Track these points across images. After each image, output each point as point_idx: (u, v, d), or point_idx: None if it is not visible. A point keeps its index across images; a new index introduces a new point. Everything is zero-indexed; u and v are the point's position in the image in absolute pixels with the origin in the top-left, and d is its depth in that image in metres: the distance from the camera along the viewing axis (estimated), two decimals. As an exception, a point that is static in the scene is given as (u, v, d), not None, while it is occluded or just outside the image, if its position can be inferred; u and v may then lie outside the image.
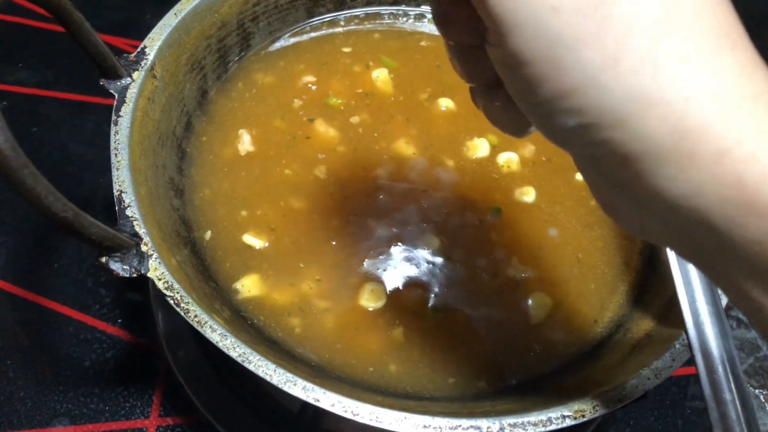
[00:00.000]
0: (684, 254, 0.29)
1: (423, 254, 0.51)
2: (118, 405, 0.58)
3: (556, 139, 0.28)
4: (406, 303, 0.49)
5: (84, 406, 0.57)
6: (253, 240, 0.50)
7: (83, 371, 0.59)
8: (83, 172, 0.72)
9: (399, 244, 0.52)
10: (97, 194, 0.70)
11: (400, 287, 0.50)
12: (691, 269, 0.44)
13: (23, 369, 0.59)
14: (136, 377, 0.59)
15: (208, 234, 0.51)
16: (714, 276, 0.28)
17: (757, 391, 0.68)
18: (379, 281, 0.50)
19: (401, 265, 0.51)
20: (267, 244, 0.51)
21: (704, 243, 0.26)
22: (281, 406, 0.56)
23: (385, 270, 0.50)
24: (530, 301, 0.51)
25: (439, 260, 0.51)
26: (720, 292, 0.45)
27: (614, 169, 0.26)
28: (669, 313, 0.48)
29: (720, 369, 0.41)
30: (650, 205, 0.26)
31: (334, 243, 0.51)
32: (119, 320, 0.62)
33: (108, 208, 0.69)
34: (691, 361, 0.42)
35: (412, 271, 0.51)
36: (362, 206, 0.53)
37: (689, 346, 0.42)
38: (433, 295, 0.50)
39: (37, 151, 0.72)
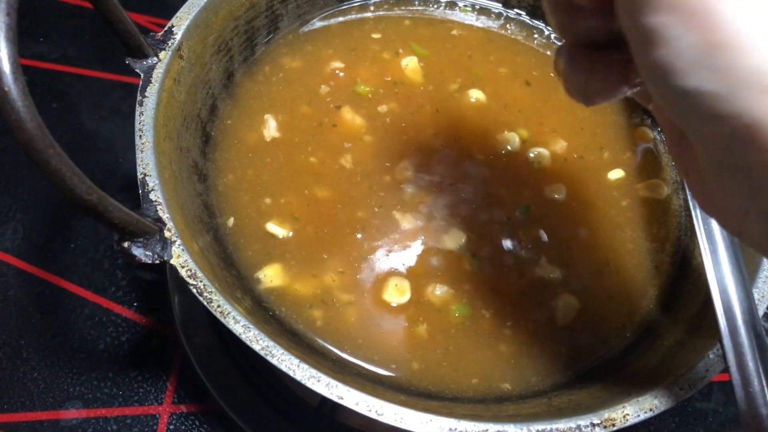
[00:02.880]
0: None
1: (449, 250, 0.50)
2: (131, 390, 0.57)
3: (681, 104, 0.26)
4: (430, 299, 0.48)
5: (97, 389, 0.57)
6: (277, 229, 0.49)
7: (97, 354, 0.58)
8: (102, 151, 0.70)
9: (425, 238, 0.50)
10: (116, 174, 0.68)
11: (425, 283, 0.49)
12: (727, 276, 0.43)
13: (37, 350, 0.58)
14: (150, 362, 0.59)
15: (231, 221, 0.49)
16: None
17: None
18: (404, 276, 0.49)
19: (426, 261, 0.49)
20: (290, 234, 0.49)
21: None
22: (297, 398, 0.55)
23: (409, 265, 0.49)
24: (557, 303, 0.49)
25: (465, 257, 0.50)
26: (757, 301, 0.44)
27: (737, 146, 0.25)
28: (701, 320, 0.46)
29: (756, 382, 0.39)
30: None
31: (358, 235, 0.50)
32: (135, 304, 0.61)
33: (126, 189, 0.68)
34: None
35: (438, 267, 0.49)
36: (388, 198, 0.52)
37: (724, 357, 0.41)
38: (458, 293, 0.49)
39: (56, 128, 0.71)
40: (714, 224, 0.45)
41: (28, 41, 0.77)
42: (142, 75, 0.46)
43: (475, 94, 0.58)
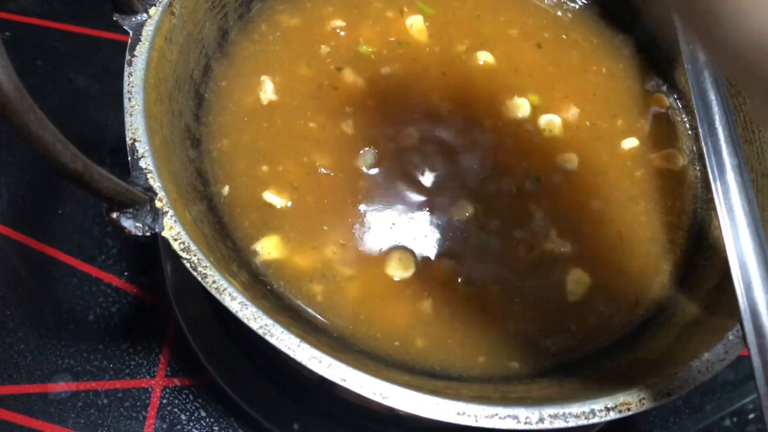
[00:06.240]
0: None
1: (455, 222, 0.48)
2: (123, 363, 0.55)
3: None
4: (435, 274, 0.46)
5: (87, 362, 0.55)
6: (275, 198, 0.47)
7: (87, 325, 0.56)
8: (91, 111, 0.67)
9: (430, 209, 0.48)
10: (106, 135, 0.65)
11: (430, 257, 0.46)
12: (748, 254, 0.41)
13: (23, 320, 0.56)
14: (142, 334, 0.56)
15: (226, 189, 0.47)
16: None
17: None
18: (408, 249, 0.46)
19: (432, 233, 0.47)
20: (289, 204, 0.47)
21: None
22: (295, 372, 0.54)
23: (414, 237, 0.47)
24: (568, 278, 0.47)
25: (472, 229, 0.48)
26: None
27: None
28: (719, 298, 0.44)
29: (777, 365, 0.37)
30: None
31: (360, 205, 0.47)
32: (126, 273, 0.59)
33: (116, 152, 0.65)
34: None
35: (444, 240, 0.47)
36: (392, 167, 0.49)
37: (744, 338, 0.39)
38: (464, 267, 0.46)
39: (42, 87, 0.68)
40: (735, 198, 0.43)
41: (11, -6, 0.73)
42: (130, 33, 0.43)
43: (484, 57, 0.55)
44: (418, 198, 0.48)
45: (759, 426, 0.61)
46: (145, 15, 0.44)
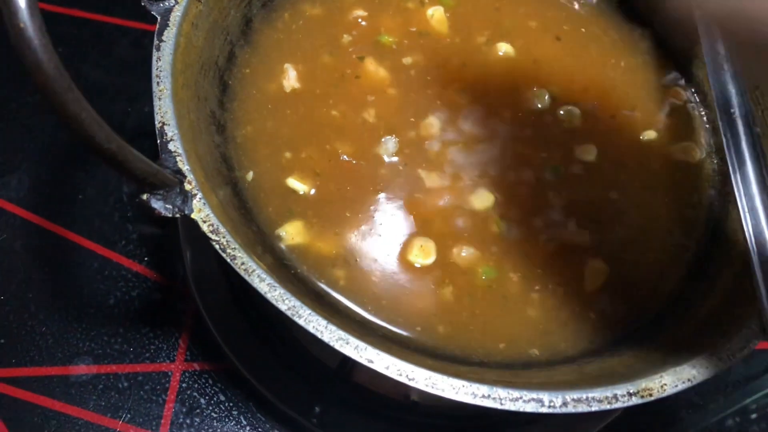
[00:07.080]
0: None
1: (476, 211, 0.48)
2: (142, 347, 0.56)
3: None
4: (456, 261, 0.46)
5: (108, 345, 0.55)
6: (298, 184, 0.47)
7: (107, 310, 0.57)
8: (109, 100, 0.68)
9: (451, 198, 0.48)
10: (125, 125, 0.66)
11: (451, 244, 0.47)
12: (768, 245, 0.41)
13: (45, 304, 0.56)
14: (162, 319, 0.57)
15: (250, 175, 0.47)
16: None
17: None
18: (429, 236, 0.47)
19: (453, 222, 0.48)
20: (312, 190, 0.47)
21: None
22: (313, 358, 0.54)
23: (435, 225, 0.47)
24: (586, 268, 0.48)
25: (492, 218, 0.48)
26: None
27: None
28: (738, 290, 0.45)
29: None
30: None
31: (382, 193, 0.48)
32: (146, 258, 0.59)
33: (135, 140, 0.64)
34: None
35: (464, 229, 0.47)
36: (413, 155, 0.50)
37: (763, 330, 0.39)
38: (485, 255, 0.47)
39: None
40: (754, 191, 0.43)
41: (31, -18, 0.74)
42: (158, 18, 0.43)
43: (504, 48, 0.55)
44: (438, 186, 0.48)
45: (762, 426, 0.61)
46: (172, 1, 0.44)
